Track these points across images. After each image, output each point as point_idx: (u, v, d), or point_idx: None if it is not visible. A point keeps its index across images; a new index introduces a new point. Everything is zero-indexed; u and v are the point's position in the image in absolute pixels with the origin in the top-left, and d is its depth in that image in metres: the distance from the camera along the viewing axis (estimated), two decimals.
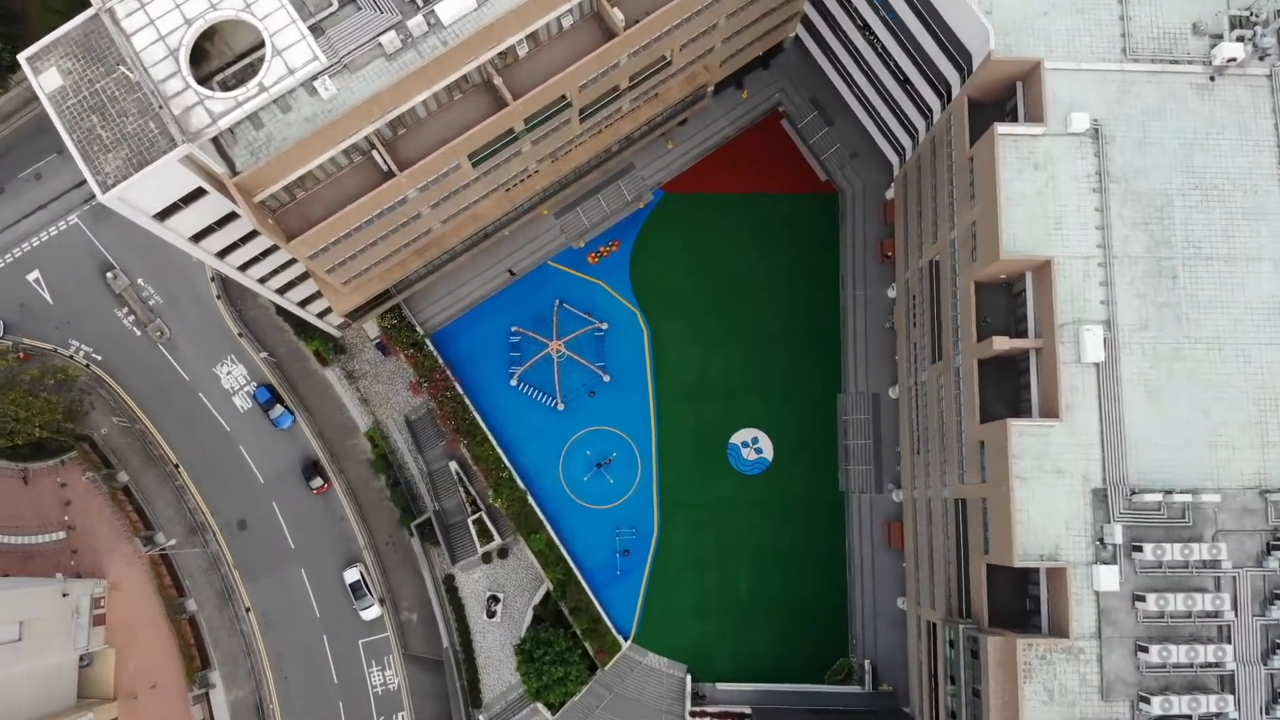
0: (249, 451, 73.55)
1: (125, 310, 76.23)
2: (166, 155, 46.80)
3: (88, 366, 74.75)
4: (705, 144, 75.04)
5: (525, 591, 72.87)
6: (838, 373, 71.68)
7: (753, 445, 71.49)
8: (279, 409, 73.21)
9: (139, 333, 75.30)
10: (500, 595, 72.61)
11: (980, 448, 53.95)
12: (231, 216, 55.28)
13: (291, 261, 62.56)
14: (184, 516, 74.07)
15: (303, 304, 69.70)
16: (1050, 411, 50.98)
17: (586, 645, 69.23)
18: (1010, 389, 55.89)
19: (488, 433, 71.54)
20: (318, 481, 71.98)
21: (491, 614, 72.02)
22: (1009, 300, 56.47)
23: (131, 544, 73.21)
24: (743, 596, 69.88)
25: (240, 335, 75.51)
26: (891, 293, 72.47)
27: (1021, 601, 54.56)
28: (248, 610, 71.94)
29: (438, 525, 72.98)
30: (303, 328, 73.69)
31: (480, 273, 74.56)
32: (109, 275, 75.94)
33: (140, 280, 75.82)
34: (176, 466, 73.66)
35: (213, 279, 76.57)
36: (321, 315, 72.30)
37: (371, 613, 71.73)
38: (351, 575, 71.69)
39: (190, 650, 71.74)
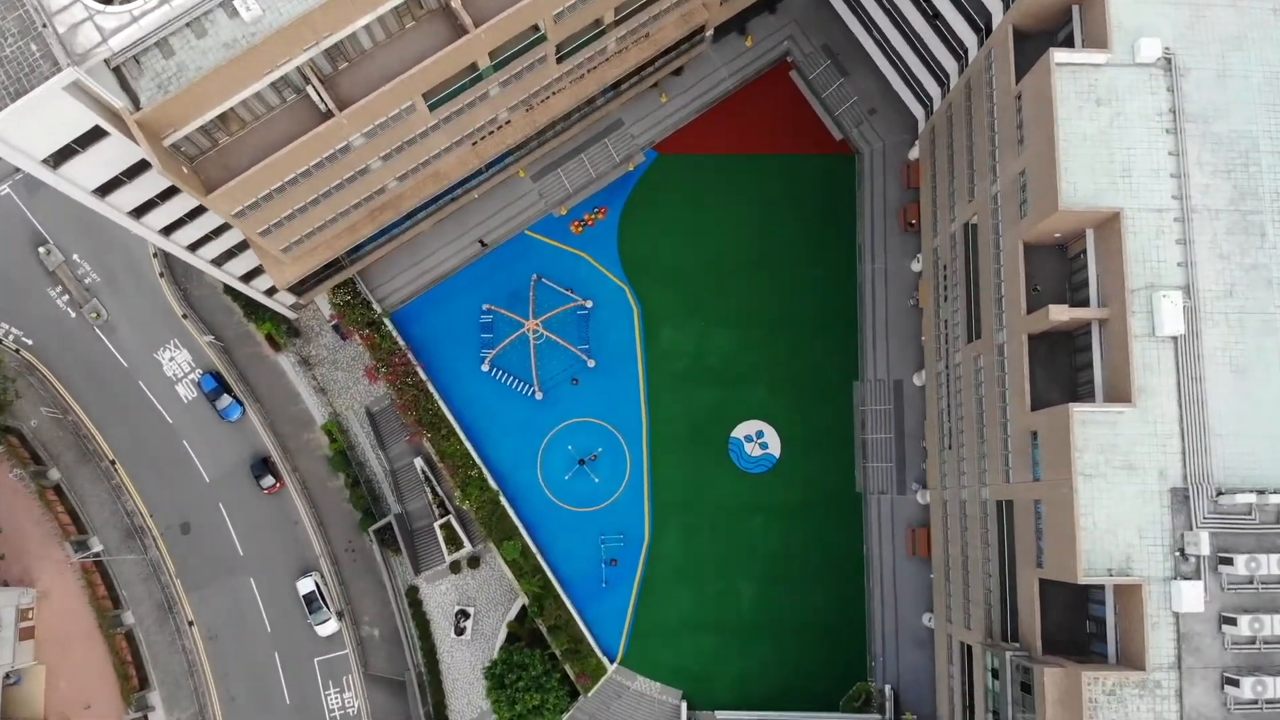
0: (193, 446, 68.64)
1: (59, 289, 71.29)
2: (49, 81, 40.01)
3: (17, 351, 70.25)
4: (704, 98, 68.99)
5: (498, 606, 67.05)
6: (855, 358, 65.73)
7: (757, 440, 65.53)
8: (227, 399, 68.32)
9: (73, 314, 70.50)
10: (470, 610, 66.87)
11: (1032, 440, 46.02)
12: (143, 167, 47.19)
13: (225, 227, 54.54)
14: (121, 519, 69.17)
15: (246, 278, 62.84)
16: (1120, 395, 43.07)
17: (566, 668, 62.99)
18: (1064, 370, 48.65)
19: (454, 425, 65.25)
20: (269, 480, 66.94)
21: (460, 631, 66.24)
22: (1063, 265, 49.17)
23: (63, 549, 67.96)
24: (745, 612, 64.02)
25: (185, 317, 70.32)
26: (916, 265, 65.75)
27: (1079, 623, 47.29)
28: (191, 624, 67.23)
29: (399, 530, 67.14)
30: (254, 309, 68.34)
31: (446, 243, 68.26)
32: (42, 250, 71.21)
33: (76, 256, 70.94)
34: (113, 463, 69.21)
35: (155, 254, 71.39)
36: (270, 293, 65.73)
37: (328, 628, 66.48)
38: (305, 585, 66.51)
39: (127, 668, 67.11)
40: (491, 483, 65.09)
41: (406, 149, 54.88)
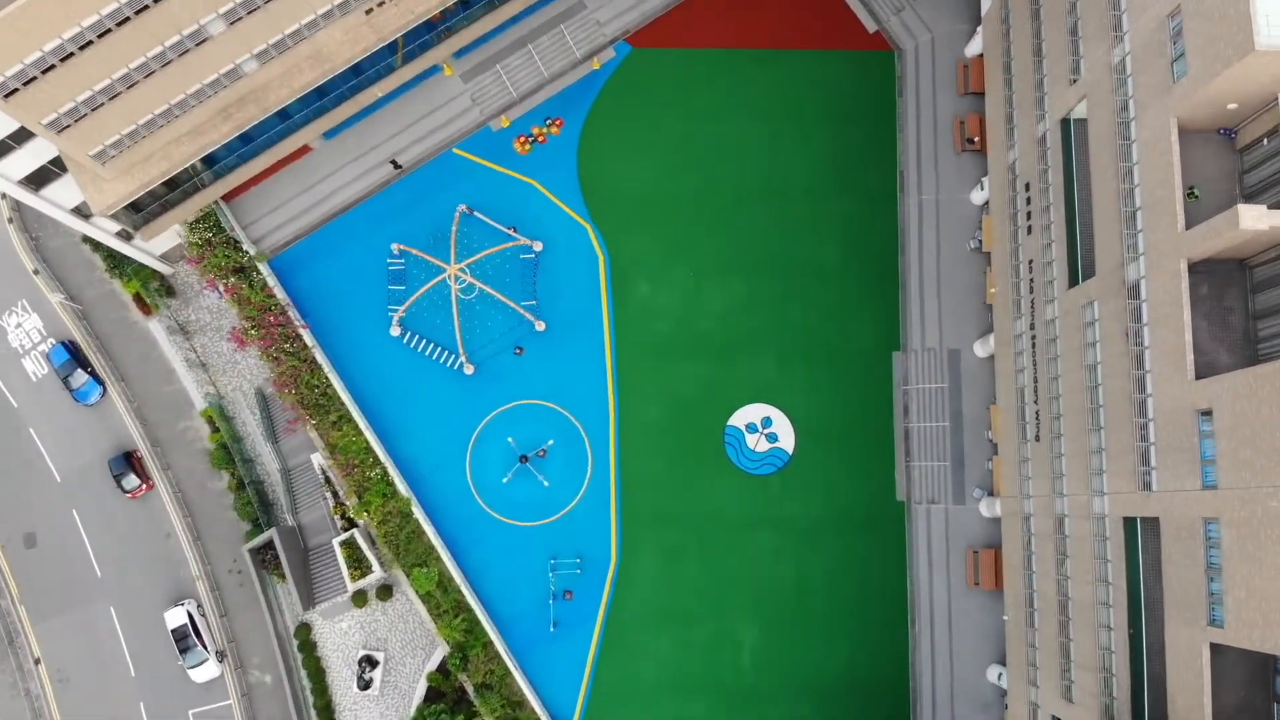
0: (41, 437, 61.31)
1: None
2: None
3: None
4: None
5: (416, 651, 56.73)
6: (895, 320, 56.31)
7: (763, 430, 55.59)
8: (83, 376, 60.13)
9: None
10: (379, 656, 56.50)
11: (1199, 425, 31.55)
12: None
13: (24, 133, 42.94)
14: None
15: (84, 215, 51.29)
16: None
17: None
18: (1233, 320, 34.72)
19: (350, 407, 54.08)
20: (134, 481, 59.17)
21: (366, 684, 56.15)
22: (1227, 160, 35.38)
23: None
24: (746, 667, 54.19)
25: (36, 273, 61.82)
26: (979, 195, 53.76)
27: (1263, 703, 33.20)
28: (37, 662, 60.40)
29: (284, 549, 56.51)
30: (118, 261, 59.12)
31: (345, 163, 57.61)
32: None
33: None
34: None
35: (2, 196, 62.38)
36: (126, 237, 54.36)
37: (205, 671, 57.74)
38: (176, 617, 57.72)
39: None
40: (401, 487, 54.34)
41: (258, 11, 41.99)
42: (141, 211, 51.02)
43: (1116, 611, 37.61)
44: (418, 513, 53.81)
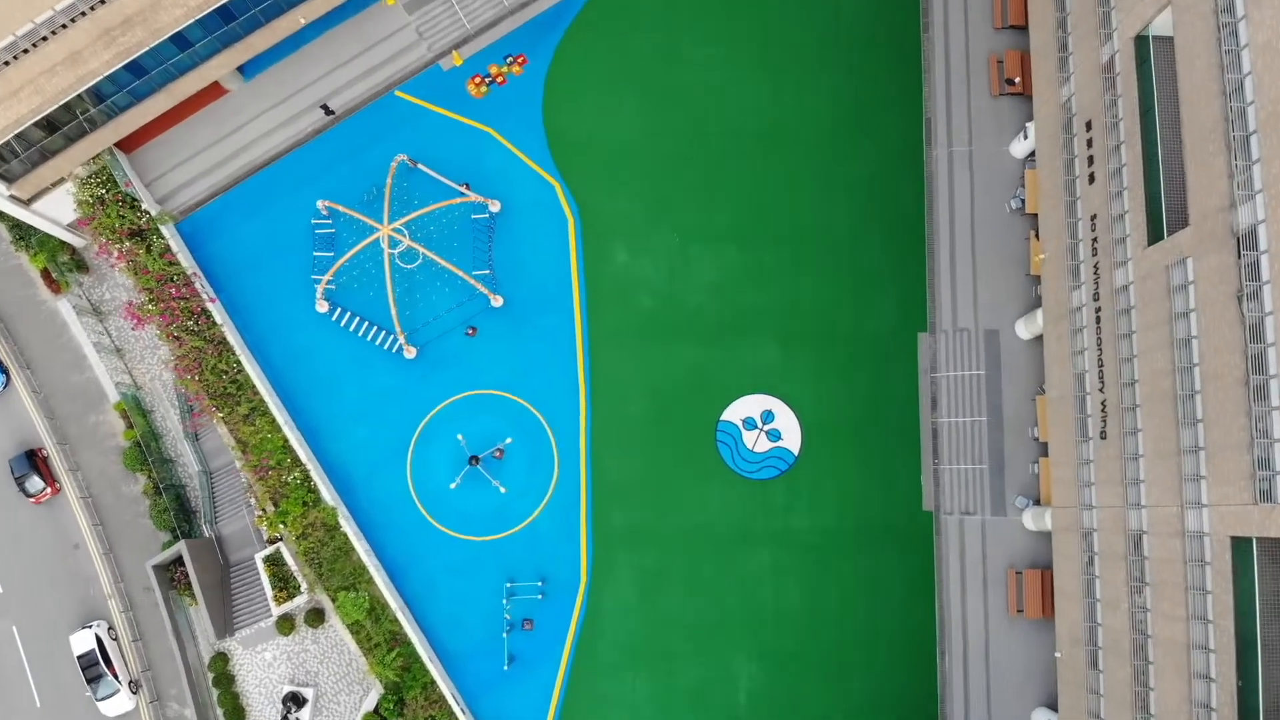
0: None
1: None
2: None
3: None
4: None
5: (352, 687, 52.28)
6: (920, 295, 52.40)
7: (763, 426, 51.58)
8: None
9: None
10: (307, 693, 51.87)
11: None
12: None
13: None
14: None
15: None
16: None
17: None
18: None
19: (267, 396, 49.63)
20: (38, 484, 56.02)
21: None
22: None
23: None
24: (742, 711, 50.13)
25: None
26: (1020, 146, 49.27)
27: None
28: None
29: (194, 566, 52.52)
30: (24, 232, 55.99)
31: (267, 108, 53.35)
32: None
33: None
34: None
35: None
36: (26, 201, 49.79)
37: (117, 705, 54.37)
38: (83, 642, 54.28)
39: None
40: (326, 493, 49.65)
41: None
42: (16, 159, 45.17)
43: (1220, 658, 30.81)
44: (346, 525, 48.82)
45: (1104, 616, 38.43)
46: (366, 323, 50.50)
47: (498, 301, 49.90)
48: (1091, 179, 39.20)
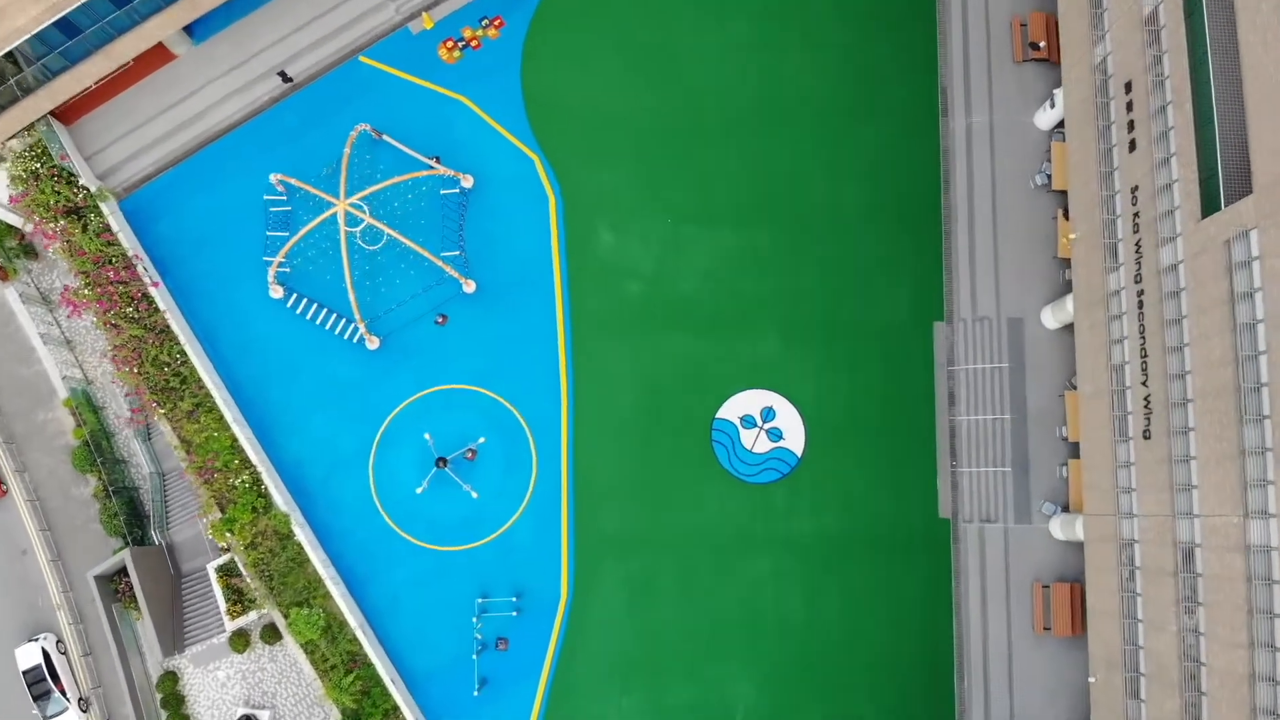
0: None
1: None
2: None
3: None
4: None
5: (313, 708, 50.08)
6: (936, 281, 50.02)
7: (763, 424, 49.08)
8: None
9: None
10: (263, 715, 49.81)
11: None
12: None
13: None
14: None
15: None
16: None
17: None
18: None
19: (214, 390, 47.20)
20: None
21: None
22: None
23: None
24: None
25: None
26: (1046, 116, 47.13)
27: None
28: None
29: (138, 576, 50.39)
30: None
31: (219, 74, 51.15)
32: None
33: None
34: None
35: None
36: None
37: None
38: (29, 656, 52.47)
39: None
40: (278, 498, 47.00)
41: None
42: None
43: None
44: (300, 533, 45.95)
45: (1146, 639, 35.13)
46: (325, 309, 47.92)
47: (470, 286, 47.42)
48: (1132, 146, 36.01)
